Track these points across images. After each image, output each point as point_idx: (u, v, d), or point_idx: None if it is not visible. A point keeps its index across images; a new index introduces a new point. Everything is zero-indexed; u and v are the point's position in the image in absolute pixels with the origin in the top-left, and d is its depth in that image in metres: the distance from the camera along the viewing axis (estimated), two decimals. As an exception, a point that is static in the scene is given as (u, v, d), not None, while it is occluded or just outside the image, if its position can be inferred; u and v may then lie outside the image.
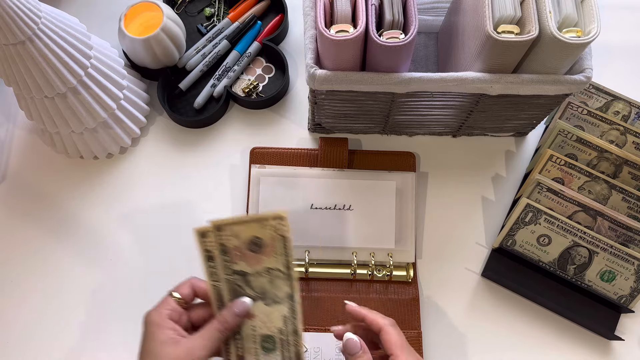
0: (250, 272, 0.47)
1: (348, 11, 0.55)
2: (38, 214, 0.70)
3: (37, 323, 0.65)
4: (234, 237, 0.46)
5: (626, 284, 0.63)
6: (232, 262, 0.47)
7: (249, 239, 0.46)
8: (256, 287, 0.48)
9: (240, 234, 0.46)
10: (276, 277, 0.47)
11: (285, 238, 0.46)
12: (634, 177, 0.67)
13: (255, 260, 0.47)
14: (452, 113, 0.66)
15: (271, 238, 0.46)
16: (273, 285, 0.47)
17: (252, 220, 0.46)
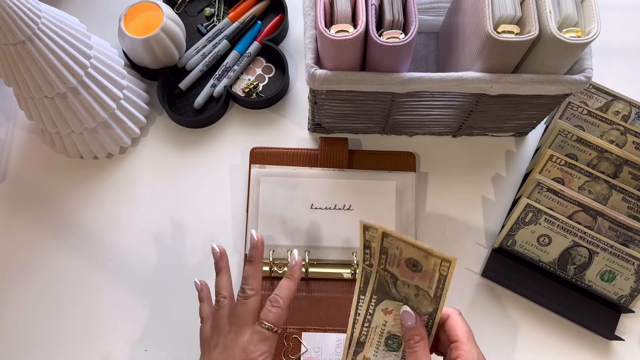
0: (400, 279, 0.47)
1: (348, 11, 0.55)
2: (38, 214, 0.70)
3: (37, 323, 0.65)
4: (396, 249, 0.46)
5: (626, 284, 0.63)
6: (387, 263, 0.47)
7: (409, 258, 0.45)
8: (401, 291, 0.47)
9: (404, 251, 0.45)
10: (423, 296, 0.47)
11: (445, 278, 0.45)
12: (634, 177, 0.67)
13: (409, 275, 0.46)
14: (452, 113, 0.66)
15: (432, 271, 0.45)
16: (418, 300, 0.47)
17: (420, 248, 0.44)
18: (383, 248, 0.46)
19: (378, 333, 0.49)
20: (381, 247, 0.46)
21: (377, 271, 0.47)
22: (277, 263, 0.65)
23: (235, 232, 0.69)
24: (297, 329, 0.63)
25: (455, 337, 0.47)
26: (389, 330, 0.49)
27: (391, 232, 0.45)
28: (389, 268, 0.47)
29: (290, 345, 0.62)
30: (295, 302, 0.64)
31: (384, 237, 0.46)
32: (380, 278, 0.48)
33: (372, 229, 0.46)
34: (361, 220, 0.46)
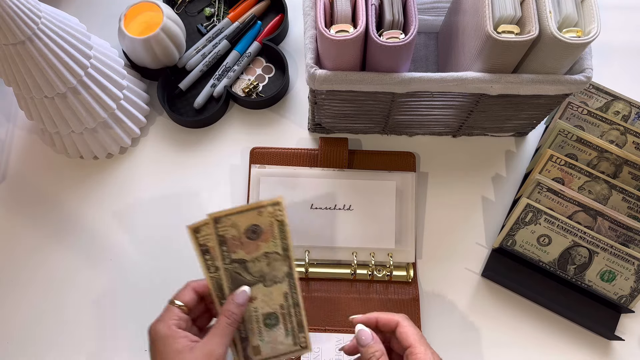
0: (248, 259, 0.49)
1: (348, 11, 0.55)
2: (38, 213, 0.70)
3: (37, 323, 0.65)
4: (232, 227, 0.48)
5: (626, 284, 0.63)
6: (230, 252, 0.49)
7: (247, 227, 0.48)
8: (255, 272, 0.49)
9: (239, 223, 0.48)
10: (274, 260, 0.49)
11: (282, 222, 0.48)
12: (634, 177, 0.67)
13: (254, 247, 0.49)
14: (452, 113, 0.66)
15: (269, 224, 0.48)
16: (271, 267, 0.49)
17: (250, 209, 0.48)
18: (220, 238, 0.48)
19: (254, 321, 0.50)
20: (219, 237, 0.48)
21: (226, 269, 0.49)
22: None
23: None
24: (297, 329, 0.63)
25: (407, 342, 0.49)
26: (262, 312, 0.50)
27: (220, 213, 0.47)
28: (233, 256, 0.49)
29: (290, 345, 0.62)
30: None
31: (216, 224, 0.48)
32: (230, 274, 0.49)
33: (200, 227, 0.48)
34: (187, 225, 0.48)
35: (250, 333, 0.51)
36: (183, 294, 0.50)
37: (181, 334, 0.48)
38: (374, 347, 0.49)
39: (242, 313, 0.49)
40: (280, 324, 0.51)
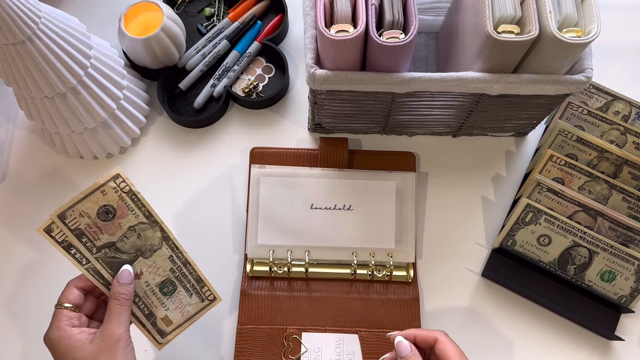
0: (116, 240, 0.49)
1: (348, 11, 0.55)
2: (38, 214, 0.70)
3: (37, 323, 0.65)
4: (81, 217, 0.48)
5: (626, 284, 0.63)
6: (93, 240, 0.48)
7: (97, 211, 0.48)
8: (129, 249, 0.49)
9: (87, 210, 0.47)
10: (143, 230, 0.49)
11: (131, 192, 0.48)
12: (634, 177, 0.67)
13: (115, 226, 0.48)
14: (452, 113, 0.66)
15: (119, 199, 0.47)
16: (144, 238, 0.49)
17: (91, 191, 0.47)
18: (75, 231, 0.48)
19: (151, 295, 0.51)
20: (73, 232, 0.48)
21: (97, 259, 0.49)
22: (277, 263, 0.65)
23: (235, 232, 0.69)
24: (297, 329, 0.63)
25: (447, 358, 0.49)
26: (155, 283, 0.51)
27: (61, 208, 0.47)
28: (98, 244, 0.48)
29: (290, 345, 0.62)
30: (295, 303, 0.64)
31: (62, 220, 0.47)
32: (105, 261, 0.49)
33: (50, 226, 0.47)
34: (37, 229, 0.48)
35: (152, 307, 0.51)
36: (66, 295, 0.50)
37: (75, 331, 0.48)
38: (413, 359, 0.49)
39: (130, 291, 0.49)
40: (179, 286, 0.51)
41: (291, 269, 0.65)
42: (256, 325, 0.63)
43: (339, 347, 0.62)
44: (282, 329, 0.63)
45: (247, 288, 0.65)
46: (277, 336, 0.62)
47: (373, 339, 0.62)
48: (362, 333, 0.63)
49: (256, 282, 0.65)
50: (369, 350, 0.62)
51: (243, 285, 0.65)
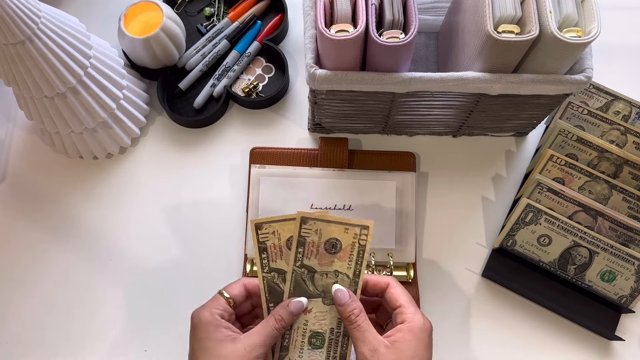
0: (318, 270, 0.48)
1: (348, 11, 0.55)
2: (38, 214, 0.70)
3: (37, 323, 0.65)
4: (315, 233, 0.47)
5: (626, 284, 0.63)
6: (304, 256, 0.48)
7: (328, 239, 0.47)
8: (319, 285, 0.49)
9: (323, 231, 0.47)
10: (341, 281, 0.48)
11: (363, 248, 0.47)
12: (634, 177, 0.67)
13: (328, 261, 0.48)
14: (452, 113, 0.66)
15: (350, 245, 0.47)
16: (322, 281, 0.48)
17: (339, 222, 0.47)
18: (300, 239, 0.47)
19: (300, 334, 0.49)
20: (299, 237, 0.47)
21: (294, 271, 0.48)
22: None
23: (235, 232, 0.69)
24: (297, 329, 0.63)
25: (397, 302, 0.48)
26: (311, 329, 0.49)
27: (309, 214, 0.47)
28: (305, 262, 0.48)
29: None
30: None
31: (302, 224, 0.47)
32: (296, 278, 0.48)
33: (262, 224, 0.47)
34: (251, 220, 0.48)
35: (291, 344, 0.49)
36: (232, 287, 0.50)
37: (223, 324, 0.48)
38: (352, 306, 0.48)
39: (291, 322, 0.48)
40: (324, 348, 0.49)
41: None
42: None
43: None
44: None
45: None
46: (277, 336, 0.62)
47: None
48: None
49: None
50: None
51: (243, 286, 0.65)
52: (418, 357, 0.46)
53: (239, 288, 0.50)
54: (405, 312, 0.48)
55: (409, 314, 0.47)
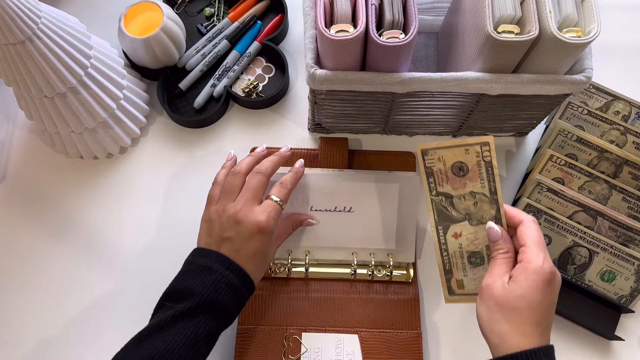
0: (454, 195, 0.51)
1: (348, 11, 0.55)
2: (38, 213, 0.70)
3: (36, 322, 0.65)
4: (438, 161, 0.50)
5: (626, 284, 0.63)
6: (437, 185, 0.51)
7: (453, 163, 0.49)
8: (461, 209, 0.51)
9: (445, 158, 0.49)
10: (480, 201, 0.51)
11: (490, 164, 0.49)
12: (634, 177, 0.67)
13: (460, 184, 0.50)
14: (452, 113, 0.66)
15: (476, 164, 0.49)
16: (478, 208, 0.51)
17: (457, 145, 0.49)
18: (427, 170, 0.51)
19: (458, 257, 0.53)
20: (425, 169, 0.51)
21: (432, 200, 0.51)
22: (277, 263, 0.65)
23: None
24: (297, 330, 0.63)
25: (522, 241, 0.49)
26: (467, 250, 0.53)
27: (427, 145, 0.50)
28: (440, 189, 0.51)
29: (290, 345, 0.62)
30: (295, 303, 0.64)
31: (423, 156, 0.50)
32: (437, 206, 0.52)
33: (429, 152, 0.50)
34: (418, 146, 0.50)
35: (454, 267, 0.53)
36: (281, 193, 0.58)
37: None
38: (501, 245, 0.50)
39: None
40: (485, 264, 0.52)
41: (291, 269, 0.65)
42: (256, 326, 0.63)
43: (338, 347, 0.62)
44: (282, 329, 0.63)
45: (247, 288, 0.65)
46: (277, 336, 0.62)
47: (373, 339, 0.62)
48: (362, 333, 0.63)
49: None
50: (369, 350, 0.62)
51: (243, 285, 0.65)
52: (526, 299, 0.46)
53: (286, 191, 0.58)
54: (526, 252, 0.48)
55: (529, 254, 0.48)
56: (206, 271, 0.52)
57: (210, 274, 0.52)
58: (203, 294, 0.51)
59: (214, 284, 0.52)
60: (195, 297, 0.51)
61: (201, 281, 0.52)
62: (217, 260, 0.53)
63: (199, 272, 0.53)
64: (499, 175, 0.71)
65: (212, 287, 0.51)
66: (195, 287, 0.51)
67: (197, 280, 0.52)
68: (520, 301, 0.46)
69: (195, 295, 0.51)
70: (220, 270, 0.52)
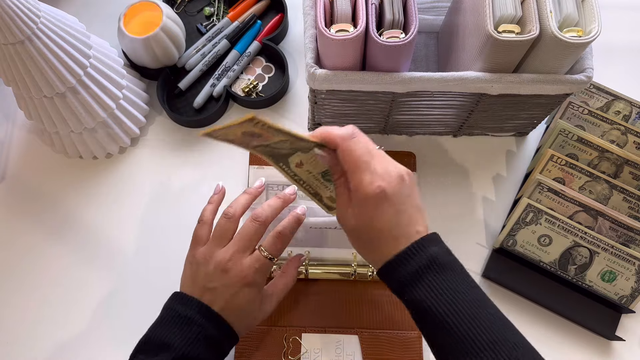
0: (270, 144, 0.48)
1: (348, 10, 0.55)
2: (37, 213, 0.70)
3: (36, 322, 0.65)
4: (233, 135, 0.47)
5: (627, 284, 0.62)
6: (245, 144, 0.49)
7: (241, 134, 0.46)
8: (284, 147, 0.50)
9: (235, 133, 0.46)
10: (291, 143, 0.48)
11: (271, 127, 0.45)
12: (634, 177, 0.67)
13: (265, 138, 0.47)
14: (452, 113, 0.66)
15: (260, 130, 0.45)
16: (294, 145, 0.49)
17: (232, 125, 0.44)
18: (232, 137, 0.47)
19: (314, 179, 0.54)
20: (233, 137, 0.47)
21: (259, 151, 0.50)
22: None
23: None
24: (297, 330, 0.63)
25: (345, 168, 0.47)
26: (317, 171, 0.52)
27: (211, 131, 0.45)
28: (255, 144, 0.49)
29: (290, 346, 0.62)
30: (295, 303, 0.64)
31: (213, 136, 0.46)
32: (266, 151, 0.50)
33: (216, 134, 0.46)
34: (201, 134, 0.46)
35: (318, 189, 0.54)
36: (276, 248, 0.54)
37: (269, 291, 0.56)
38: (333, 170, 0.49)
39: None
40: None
41: (291, 269, 0.65)
42: (256, 326, 0.63)
43: (338, 347, 0.62)
44: (282, 330, 0.63)
45: (246, 288, 0.65)
46: (277, 337, 0.62)
47: (373, 340, 0.62)
48: (362, 334, 0.63)
49: (256, 282, 0.65)
50: (369, 351, 0.62)
51: (243, 286, 0.65)
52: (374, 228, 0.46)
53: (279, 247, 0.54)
54: (350, 180, 0.47)
55: (353, 182, 0.46)
56: (185, 322, 0.49)
57: (189, 325, 0.48)
58: (180, 347, 0.47)
59: (192, 337, 0.48)
60: (172, 351, 0.47)
61: (180, 333, 0.48)
62: (198, 310, 0.49)
63: (177, 322, 0.49)
64: (499, 175, 0.72)
65: (190, 340, 0.48)
66: (173, 340, 0.48)
67: (175, 331, 0.48)
68: (371, 231, 0.46)
69: (171, 349, 0.47)
70: (200, 322, 0.49)
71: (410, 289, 0.44)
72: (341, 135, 0.47)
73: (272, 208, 0.55)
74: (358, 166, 0.46)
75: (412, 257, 0.45)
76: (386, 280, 0.47)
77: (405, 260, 0.45)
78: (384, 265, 0.46)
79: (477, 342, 0.42)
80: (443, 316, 0.43)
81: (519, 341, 0.45)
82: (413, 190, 0.47)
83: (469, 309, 0.43)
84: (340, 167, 0.48)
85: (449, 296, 0.43)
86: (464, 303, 0.43)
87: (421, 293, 0.44)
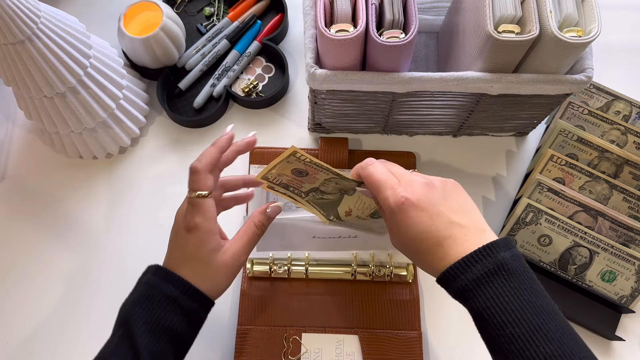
0: (318, 185, 0.50)
1: (348, 10, 0.55)
2: (37, 213, 0.70)
3: (36, 322, 0.65)
4: (280, 176, 0.49)
5: (627, 284, 0.62)
6: (299, 188, 0.51)
7: (291, 171, 0.49)
8: (332, 190, 0.51)
9: (283, 172, 0.49)
10: (337, 183, 0.50)
11: (311, 162, 0.47)
12: (634, 177, 0.67)
13: (312, 179, 0.50)
14: (452, 113, 0.66)
15: (304, 165, 0.48)
16: (341, 184, 0.50)
17: (280, 162, 0.47)
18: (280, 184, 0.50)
19: (364, 222, 0.56)
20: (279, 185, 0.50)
21: (308, 202, 0.52)
22: (277, 263, 0.65)
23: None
24: (296, 330, 0.63)
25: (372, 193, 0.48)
26: (365, 214, 0.55)
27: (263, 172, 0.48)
28: (303, 189, 0.51)
29: (290, 346, 0.62)
30: (295, 303, 0.64)
31: (268, 180, 0.49)
32: (315, 201, 0.52)
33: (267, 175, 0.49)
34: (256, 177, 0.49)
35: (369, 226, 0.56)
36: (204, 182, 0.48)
37: (217, 228, 0.50)
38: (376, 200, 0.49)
39: (267, 224, 0.52)
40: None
41: (291, 269, 0.65)
42: (256, 326, 0.63)
43: (339, 347, 0.62)
44: (282, 330, 0.63)
45: (247, 288, 0.65)
46: (277, 337, 0.62)
47: (373, 340, 0.62)
48: (362, 334, 0.63)
49: (256, 282, 0.65)
50: (369, 351, 0.62)
51: (243, 286, 0.65)
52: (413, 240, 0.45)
53: (209, 178, 0.49)
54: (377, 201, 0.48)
55: (379, 202, 0.47)
56: (141, 286, 0.49)
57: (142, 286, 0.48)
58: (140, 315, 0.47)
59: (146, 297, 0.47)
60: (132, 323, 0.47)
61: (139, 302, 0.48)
62: (153, 272, 0.49)
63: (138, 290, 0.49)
64: (499, 175, 0.72)
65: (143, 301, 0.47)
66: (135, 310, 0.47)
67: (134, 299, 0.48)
68: (412, 242, 0.45)
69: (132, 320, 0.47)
70: (152, 282, 0.48)
71: (470, 295, 0.43)
72: (360, 165, 0.49)
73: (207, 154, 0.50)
74: (379, 186, 0.46)
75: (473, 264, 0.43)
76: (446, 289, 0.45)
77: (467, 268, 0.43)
78: (441, 275, 0.44)
79: (540, 354, 0.41)
80: (504, 325, 0.42)
81: (586, 357, 0.43)
82: (451, 194, 0.47)
83: (534, 318, 0.42)
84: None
85: (513, 305, 0.42)
86: (529, 313, 0.42)
87: (482, 301, 0.42)
